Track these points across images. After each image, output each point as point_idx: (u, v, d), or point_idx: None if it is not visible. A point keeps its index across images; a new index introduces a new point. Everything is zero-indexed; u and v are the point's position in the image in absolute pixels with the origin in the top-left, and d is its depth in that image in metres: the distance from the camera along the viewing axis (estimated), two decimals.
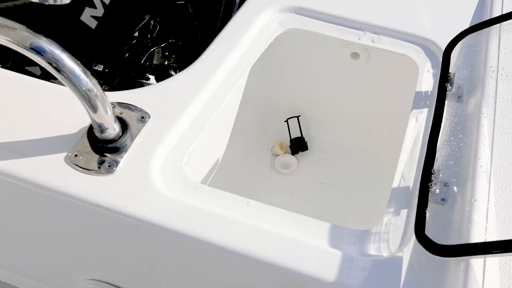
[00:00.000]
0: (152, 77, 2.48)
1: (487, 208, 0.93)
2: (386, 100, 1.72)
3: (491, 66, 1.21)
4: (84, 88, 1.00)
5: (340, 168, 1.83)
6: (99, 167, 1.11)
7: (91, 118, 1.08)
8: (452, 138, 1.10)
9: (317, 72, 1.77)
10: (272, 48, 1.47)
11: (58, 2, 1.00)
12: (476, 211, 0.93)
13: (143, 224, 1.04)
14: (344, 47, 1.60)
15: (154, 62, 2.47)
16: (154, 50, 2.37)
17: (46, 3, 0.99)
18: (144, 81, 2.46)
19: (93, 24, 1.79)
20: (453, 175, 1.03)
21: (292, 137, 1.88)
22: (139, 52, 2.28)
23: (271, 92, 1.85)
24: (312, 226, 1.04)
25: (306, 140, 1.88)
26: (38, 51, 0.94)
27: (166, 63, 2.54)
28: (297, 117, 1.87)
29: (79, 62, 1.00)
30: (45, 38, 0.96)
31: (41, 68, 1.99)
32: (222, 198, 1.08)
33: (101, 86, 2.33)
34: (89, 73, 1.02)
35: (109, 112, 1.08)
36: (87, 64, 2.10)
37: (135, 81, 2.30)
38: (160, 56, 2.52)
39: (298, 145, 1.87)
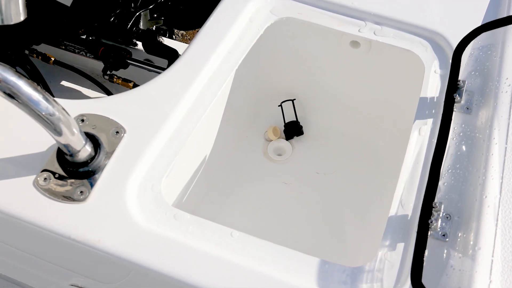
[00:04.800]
0: (139, 43, 2.33)
1: (492, 260, 0.84)
2: (388, 89, 1.58)
3: (507, 79, 1.07)
4: (43, 113, 0.89)
5: (337, 155, 1.73)
6: (70, 194, 1.02)
7: (57, 142, 0.98)
8: (457, 165, 0.99)
9: (314, 57, 1.62)
10: (263, 36, 1.33)
11: (11, 22, 0.87)
12: (479, 263, 0.85)
13: (117, 259, 0.97)
14: (343, 34, 1.45)
15: (142, 26, 2.30)
16: (141, 13, 2.20)
17: None
18: (131, 47, 2.32)
19: (67, 1, 1.63)
20: (457, 212, 0.94)
21: (286, 121, 1.77)
22: (125, 16, 2.11)
23: (265, 75, 1.71)
24: (300, 262, 0.96)
25: (301, 124, 1.76)
26: None
27: (154, 27, 2.37)
28: (292, 100, 1.75)
29: (38, 87, 0.88)
30: None
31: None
32: (203, 228, 1.00)
33: (86, 55, 2.20)
34: (50, 97, 0.90)
35: (76, 133, 0.97)
36: (66, 40, 1.95)
37: (121, 49, 2.15)
38: (148, 19, 2.35)
39: (292, 130, 1.76)
